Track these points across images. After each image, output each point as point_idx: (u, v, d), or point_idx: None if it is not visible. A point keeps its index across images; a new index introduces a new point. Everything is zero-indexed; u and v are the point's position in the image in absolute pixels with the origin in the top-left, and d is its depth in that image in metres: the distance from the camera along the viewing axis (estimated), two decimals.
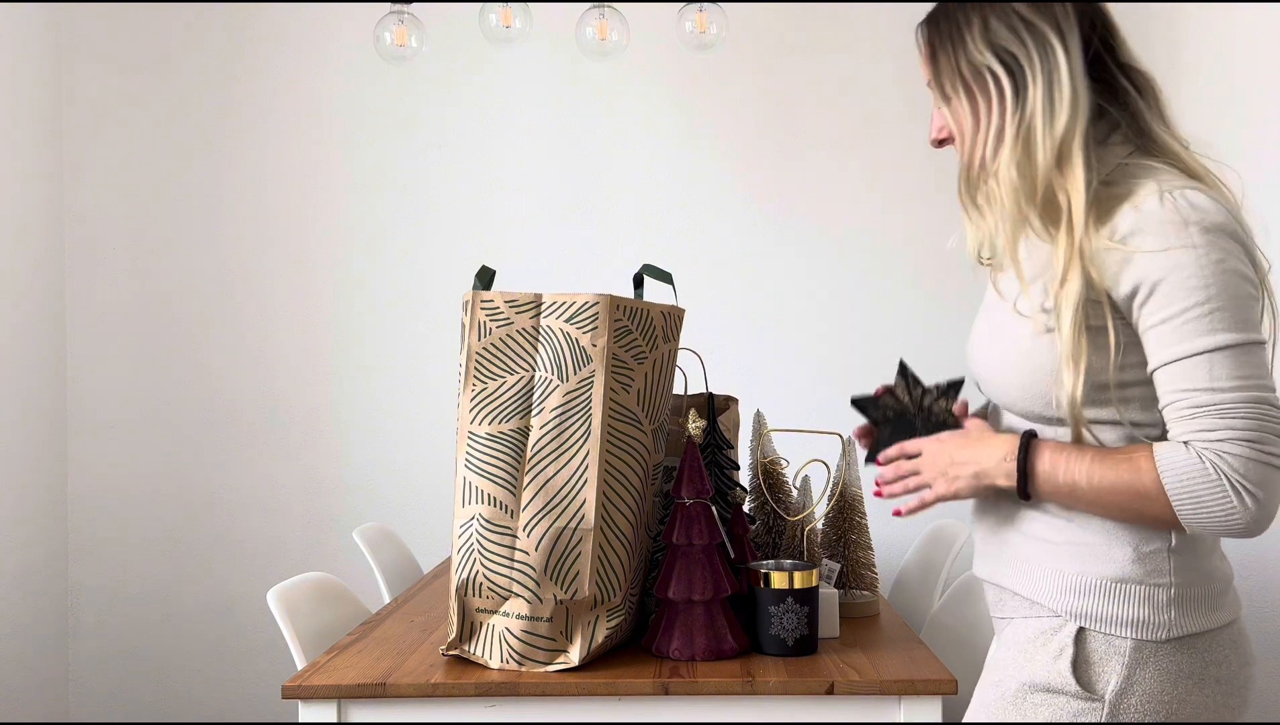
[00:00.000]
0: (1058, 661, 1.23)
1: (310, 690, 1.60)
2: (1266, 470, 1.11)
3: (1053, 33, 1.24)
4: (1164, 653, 1.20)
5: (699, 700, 1.61)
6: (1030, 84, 1.23)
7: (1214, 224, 1.16)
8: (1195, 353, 1.13)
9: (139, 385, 3.37)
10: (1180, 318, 1.14)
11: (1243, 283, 1.15)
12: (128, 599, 3.35)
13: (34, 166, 3.23)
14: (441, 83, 3.36)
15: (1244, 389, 1.12)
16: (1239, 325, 1.13)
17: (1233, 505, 1.12)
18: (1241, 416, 1.12)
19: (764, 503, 2.06)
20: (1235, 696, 1.24)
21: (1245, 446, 1.11)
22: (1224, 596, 1.25)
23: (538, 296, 1.72)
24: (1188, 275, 1.14)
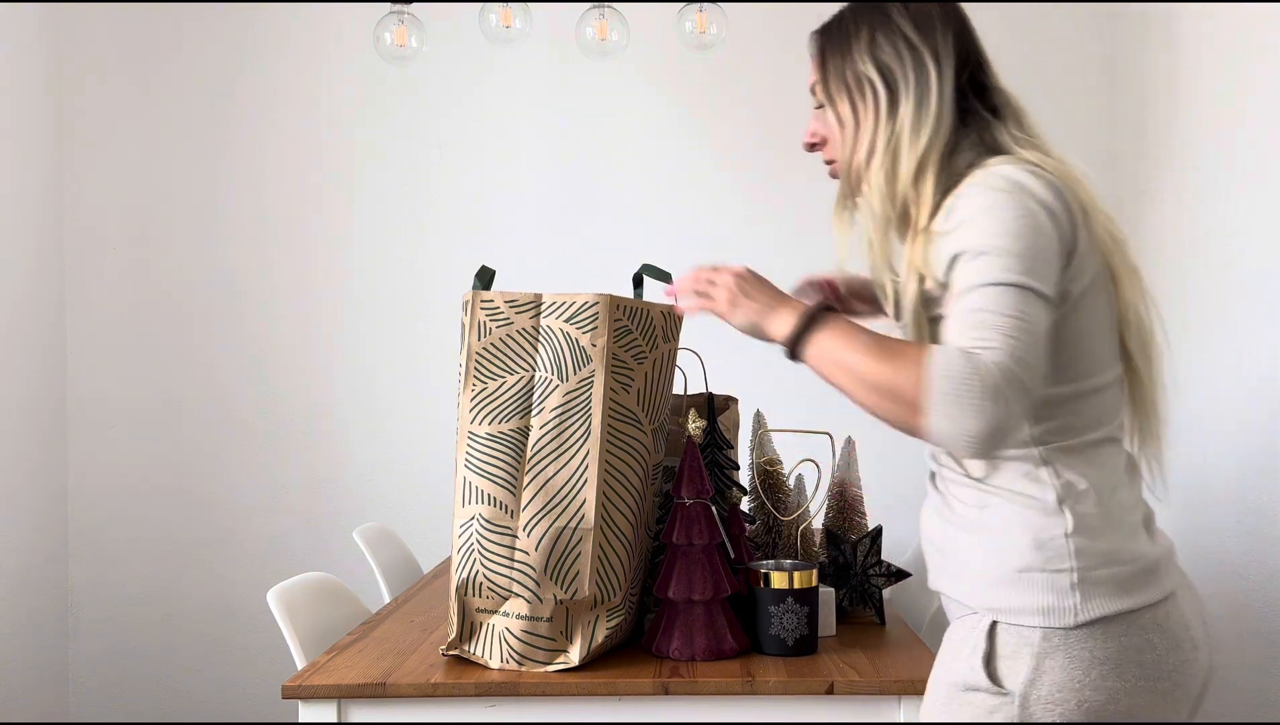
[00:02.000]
0: (973, 657, 1.24)
1: (310, 690, 1.60)
2: (1024, 394, 1.15)
3: (930, 56, 1.34)
4: (1073, 640, 1.20)
5: (699, 700, 1.61)
6: (903, 99, 1.33)
7: (1019, 185, 1.23)
8: (988, 283, 1.18)
9: (139, 385, 3.37)
10: (982, 259, 1.20)
11: (1041, 237, 1.20)
12: (128, 599, 3.35)
13: (34, 166, 3.23)
14: (441, 83, 3.36)
15: (1022, 321, 1.16)
16: (1029, 273, 1.18)
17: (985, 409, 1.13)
18: (1016, 340, 1.16)
19: (762, 503, 2.06)
20: (1165, 681, 1.21)
21: (1015, 363, 1.15)
22: (1142, 578, 1.23)
23: (538, 296, 1.72)
24: (989, 224, 1.20)
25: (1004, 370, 1.14)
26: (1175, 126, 2.87)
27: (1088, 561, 1.22)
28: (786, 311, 1.37)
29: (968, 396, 1.14)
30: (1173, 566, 1.28)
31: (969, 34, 1.39)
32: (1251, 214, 2.47)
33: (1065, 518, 1.23)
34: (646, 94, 3.34)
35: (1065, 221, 1.23)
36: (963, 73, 1.36)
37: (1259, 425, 2.41)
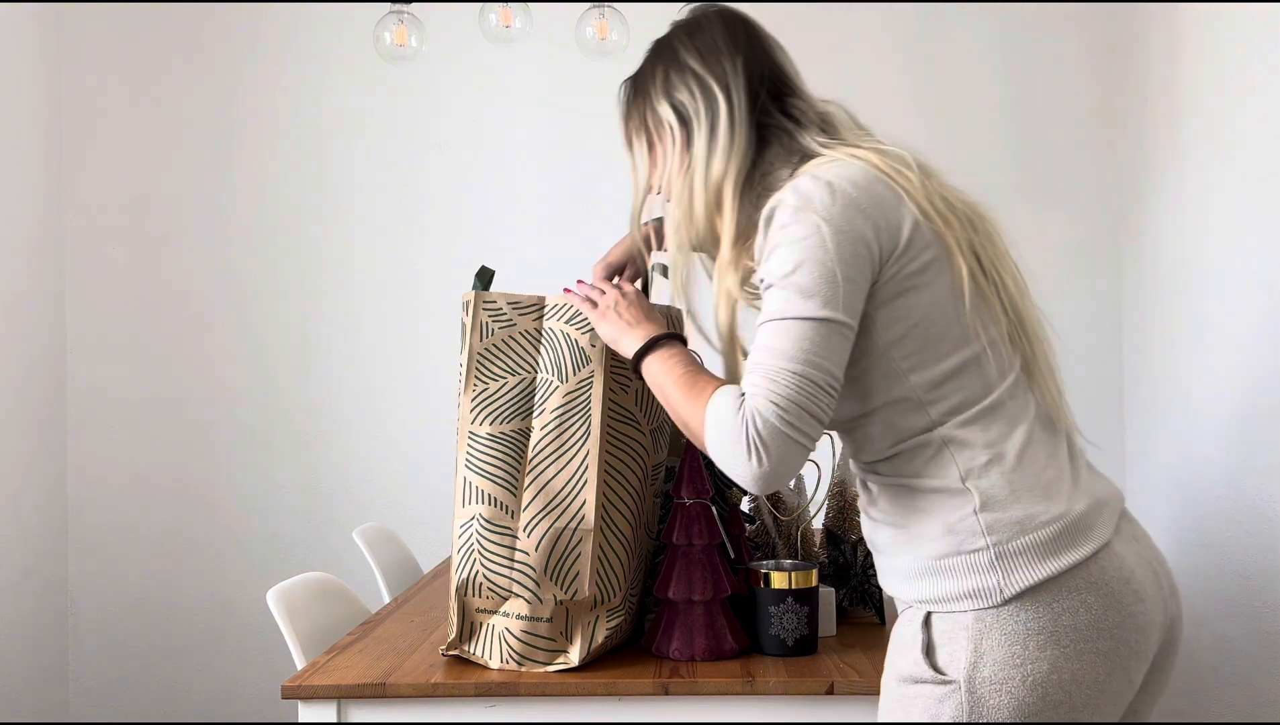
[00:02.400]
0: (913, 650, 1.24)
1: (310, 690, 1.60)
2: (784, 440, 1.18)
3: (718, 86, 1.37)
4: (1005, 616, 1.19)
5: (699, 700, 1.61)
6: (696, 133, 1.37)
7: (808, 200, 1.24)
8: (770, 319, 1.23)
9: (139, 384, 3.37)
10: (774, 289, 1.24)
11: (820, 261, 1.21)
12: (128, 598, 3.35)
13: (34, 166, 3.23)
14: (441, 83, 3.36)
15: (796, 361, 1.19)
16: (806, 303, 1.21)
17: (744, 459, 1.19)
18: (784, 383, 1.19)
19: (763, 503, 2.06)
20: (1106, 640, 1.19)
21: (775, 412, 1.18)
22: (1065, 537, 1.20)
23: (541, 299, 1.73)
24: (781, 253, 1.23)
25: (764, 421, 1.18)
26: (1175, 126, 2.87)
27: (1001, 535, 1.21)
28: (638, 335, 1.45)
29: (730, 447, 1.21)
30: (1104, 517, 1.24)
31: (763, 52, 1.42)
32: (1251, 213, 2.47)
33: (972, 495, 1.23)
34: None
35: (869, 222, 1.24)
36: (759, 92, 1.39)
37: (1258, 424, 2.41)
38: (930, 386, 1.26)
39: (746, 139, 1.36)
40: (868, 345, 1.26)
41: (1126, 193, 3.24)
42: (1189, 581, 2.72)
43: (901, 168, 1.30)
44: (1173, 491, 2.89)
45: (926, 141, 3.63)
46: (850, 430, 1.33)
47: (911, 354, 1.26)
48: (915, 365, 1.26)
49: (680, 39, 1.43)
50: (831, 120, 1.40)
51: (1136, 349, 3.17)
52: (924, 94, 3.28)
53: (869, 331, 1.26)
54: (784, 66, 1.43)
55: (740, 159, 1.36)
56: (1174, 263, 2.89)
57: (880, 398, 1.27)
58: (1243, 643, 2.48)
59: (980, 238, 1.31)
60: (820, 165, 1.30)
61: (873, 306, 1.25)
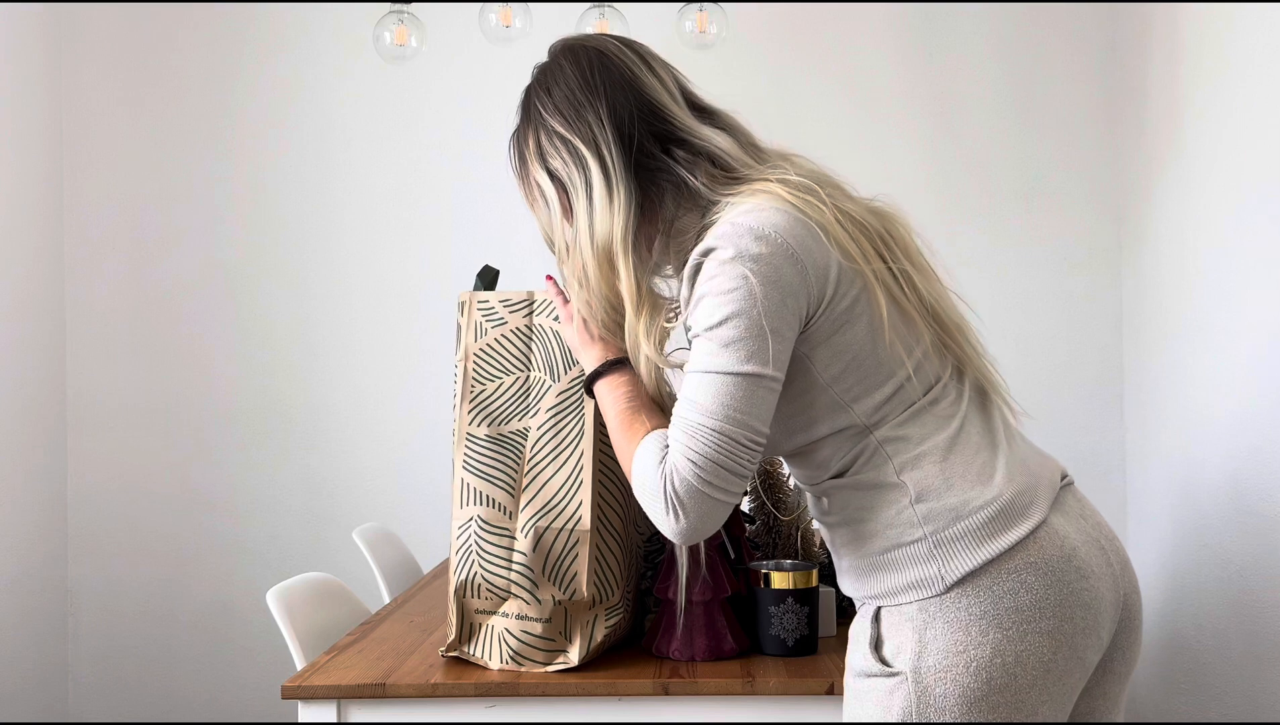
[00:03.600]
0: (864, 645, 1.25)
1: (310, 690, 1.60)
2: (701, 497, 1.19)
3: (585, 145, 1.31)
4: (948, 604, 1.19)
5: (699, 700, 1.61)
6: (575, 197, 1.32)
7: (733, 259, 1.20)
8: (694, 370, 1.22)
9: (139, 384, 3.37)
10: (698, 339, 1.22)
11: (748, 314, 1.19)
12: (128, 599, 3.35)
13: (34, 166, 3.23)
14: (441, 83, 3.36)
15: (715, 417, 1.19)
16: (733, 357, 1.19)
17: (663, 514, 1.21)
18: (703, 442, 1.19)
19: (762, 503, 2.06)
20: (1047, 619, 1.18)
21: (693, 470, 1.19)
22: (1000, 520, 1.20)
23: (530, 294, 1.73)
24: (707, 303, 1.21)
25: (681, 479, 1.19)
26: (1175, 126, 2.87)
27: (937, 523, 1.21)
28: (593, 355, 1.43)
29: (650, 502, 1.22)
30: (1040, 495, 1.24)
31: (626, 87, 1.33)
32: (1251, 213, 2.46)
33: (907, 488, 1.23)
34: None
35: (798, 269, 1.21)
36: (632, 136, 1.31)
37: (1258, 424, 2.41)
38: (871, 411, 1.26)
39: (626, 195, 1.30)
40: (809, 382, 1.26)
41: (1126, 193, 3.24)
42: (1189, 581, 2.72)
43: (811, 200, 1.25)
44: (1173, 491, 2.89)
45: (926, 141, 3.64)
46: (798, 457, 1.33)
47: (853, 386, 1.26)
48: (856, 396, 1.26)
49: (540, 97, 1.37)
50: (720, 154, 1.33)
51: (1136, 349, 3.17)
52: (924, 94, 3.28)
53: (808, 370, 1.25)
54: (654, 97, 1.34)
55: (624, 217, 1.30)
56: (1174, 263, 2.89)
57: (826, 427, 1.27)
58: (1243, 643, 2.48)
59: (892, 252, 1.30)
60: (738, 211, 1.24)
61: (809, 347, 1.24)
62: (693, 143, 1.34)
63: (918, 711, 1.19)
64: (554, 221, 1.38)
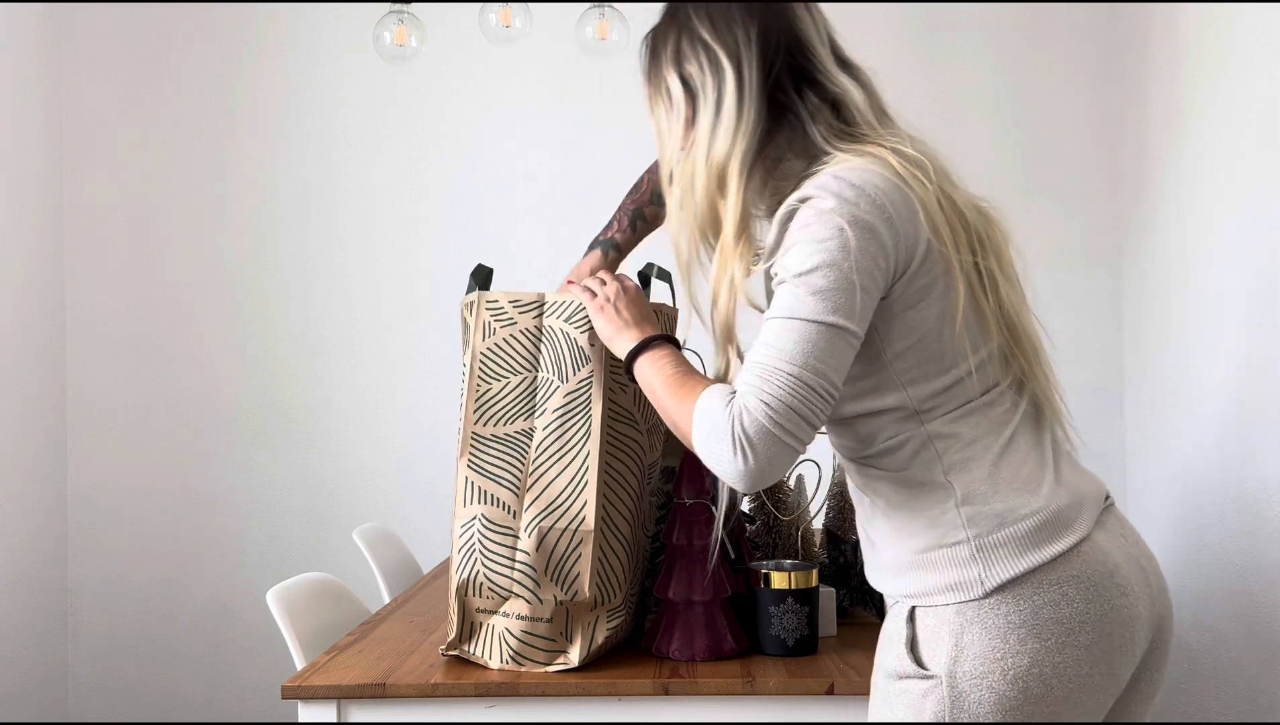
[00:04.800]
0: (898, 645, 1.24)
1: (310, 690, 1.60)
2: (773, 441, 1.17)
3: (727, 58, 1.29)
4: (987, 609, 1.18)
5: (699, 700, 1.61)
6: (702, 107, 1.30)
7: (835, 209, 1.19)
8: (776, 316, 1.20)
9: (139, 385, 3.37)
10: (784, 285, 1.21)
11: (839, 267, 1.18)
12: (127, 599, 3.35)
13: (34, 166, 3.23)
14: (441, 83, 3.36)
15: (794, 363, 1.17)
16: (818, 306, 1.18)
17: (730, 456, 1.18)
18: (778, 384, 1.17)
19: (762, 503, 2.06)
20: (1088, 633, 1.18)
21: (766, 412, 1.17)
22: (1045, 530, 1.20)
23: (541, 296, 1.73)
24: (800, 251, 1.20)
25: (752, 419, 1.17)
26: (1175, 127, 2.87)
27: (982, 527, 1.20)
28: (631, 336, 1.44)
29: (716, 444, 1.20)
30: (1085, 510, 1.23)
31: (784, 18, 1.31)
32: (1251, 213, 2.47)
33: (953, 489, 1.22)
34: None
35: (892, 233, 1.20)
36: (774, 64, 1.29)
37: (1257, 424, 2.41)
38: (925, 398, 1.25)
39: (755, 117, 1.28)
40: (871, 354, 1.25)
41: (1126, 193, 3.24)
42: (1189, 581, 2.72)
43: (918, 174, 1.25)
44: (1173, 491, 2.89)
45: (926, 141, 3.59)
46: (841, 425, 1.32)
47: (912, 367, 1.25)
48: (914, 379, 1.25)
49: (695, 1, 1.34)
50: (846, 105, 1.32)
51: (1136, 349, 3.17)
52: (924, 94, 3.28)
53: (873, 342, 1.25)
54: (806, 36, 1.32)
55: (747, 139, 1.28)
56: (1174, 263, 2.89)
57: (875, 403, 1.27)
58: (1243, 643, 2.48)
59: (984, 251, 1.29)
60: (843, 165, 1.23)
61: (880, 319, 1.24)
62: (826, 87, 1.32)
63: (950, 716, 1.18)
64: (670, 128, 1.35)
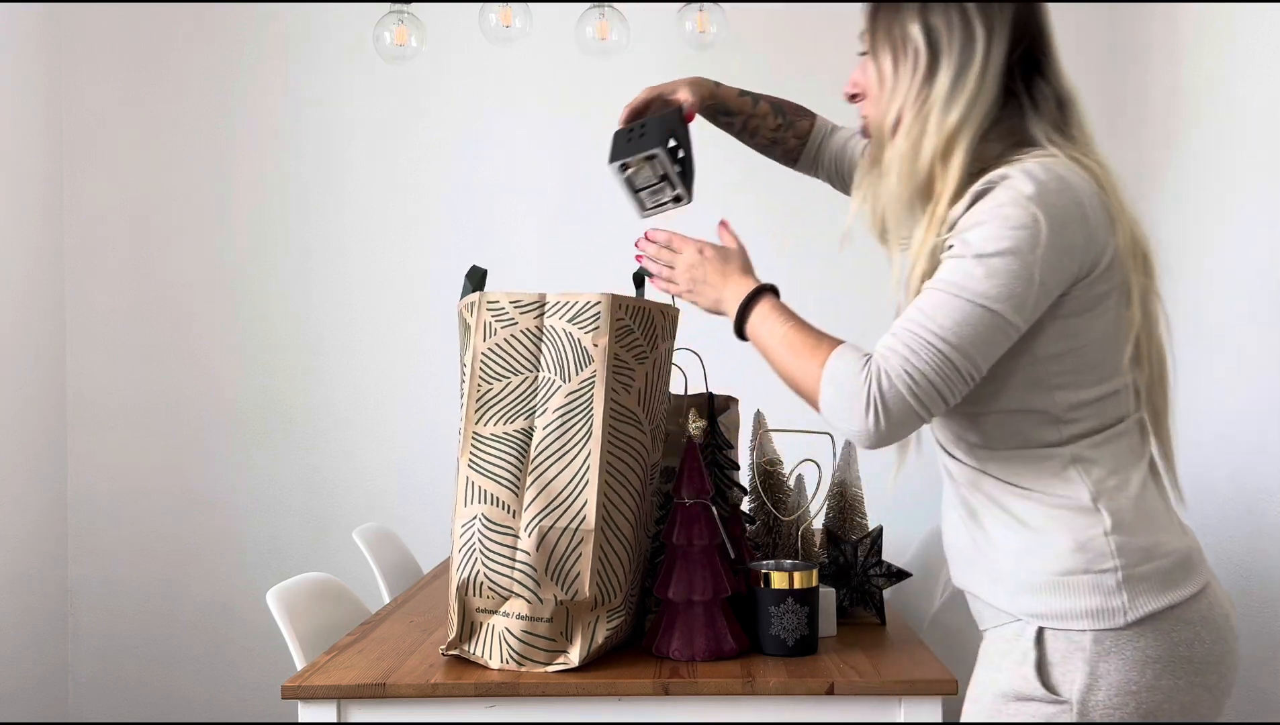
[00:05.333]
0: (1023, 666, 1.22)
1: (310, 690, 1.60)
2: (907, 410, 1.18)
3: (981, 28, 1.26)
4: (1125, 640, 1.18)
5: (699, 700, 1.61)
6: (943, 67, 1.26)
7: (1035, 198, 1.18)
8: (943, 288, 1.19)
9: (139, 385, 3.37)
10: (959, 259, 1.19)
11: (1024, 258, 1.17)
12: (127, 599, 3.35)
13: (34, 166, 3.23)
14: (441, 83, 3.36)
15: (948, 342, 1.17)
16: (990, 290, 1.17)
17: (862, 416, 1.19)
18: (926, 357, 1.17)
19: (762, 503, 2.06)
20: (1212, 673, 1.20)
21: (906, 380, 1.17)
22: (1181, 569, 1.21)
23: (542, 296, 1.73)
24: (988, 231, 1.18)
25: (890, 384, 1.18)
26: (1175, 127, 2.87)
27: (1130, 558, 1.20)
28: (733, 295, 1.40)
29: (848, 404, 1.20)
30: (1202, 557, 1.26)
31: (1034, 12, 1.30)
32: (1251, 214, 2.46)
33: (1102, 516, 1.21)
34: None
35: (1084, 235, 1.19)
36: (1015, 49, 1.27)
37: (1258, 425, 2.41)
38: (1070, 407, 1.24)
39: (993, 95, 1.25)
40: (1025, 349, 1.23)
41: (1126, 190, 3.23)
42: None
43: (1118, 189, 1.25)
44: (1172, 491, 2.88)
45: None
46: (971, 421, 1.29)
47: (1065, 372, 1.23)
48: (1063, 384, 1.23)
49: None
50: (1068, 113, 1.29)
51: None
52: None
53: (1032, 337, 1.23)
54: (1048, 29, 1.31)
55: (983, 112, 1.25)
56: (1173, 263, 2.89)
57: (1016, 402, 1.25)
58: (1243, 643, 2.46)
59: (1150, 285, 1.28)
60: (1048, 158, 1.21)
61: (1047, 317, 1.22)
62: (1054, 83, 1.30)
63: None
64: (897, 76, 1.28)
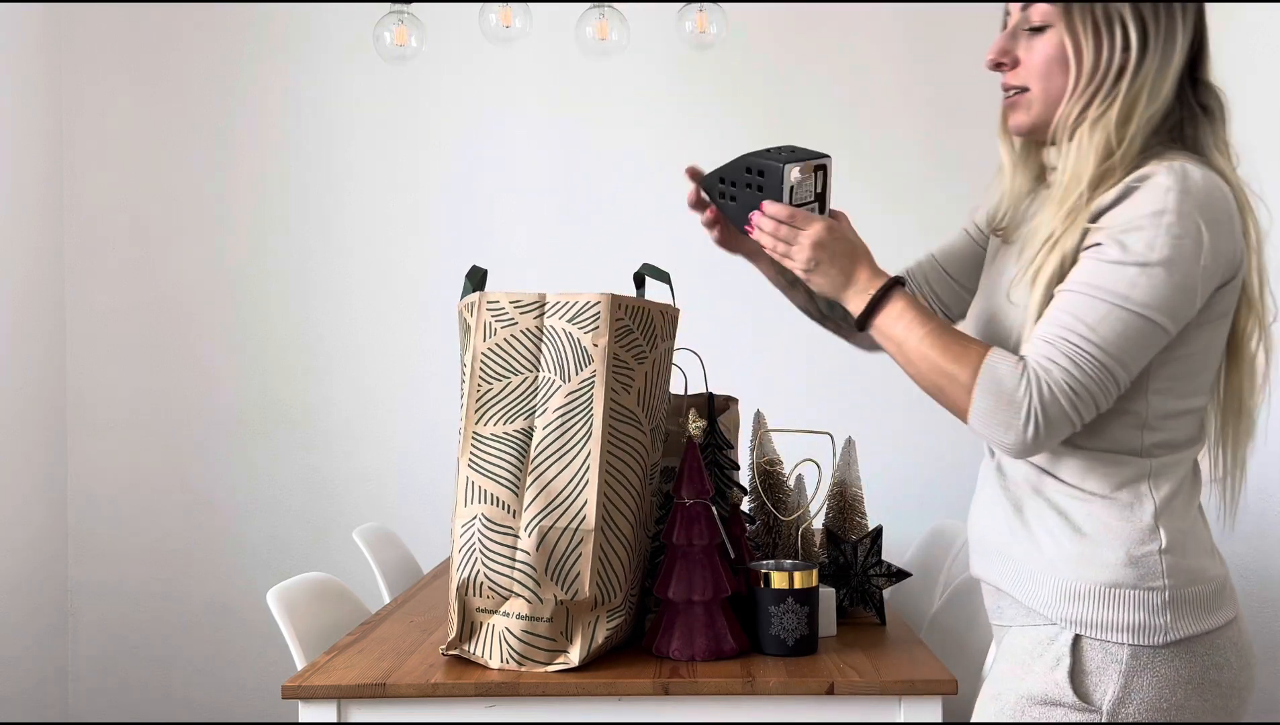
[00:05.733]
0: (1055, 671, 1.21)
1: (310, 690, 1.60)
2: (1063, 421, 1.16)
3: (1182, 22, 1.24)
4: (1161, 658, 1.19)
5: (699, 700, 1.61)
6: (1151, 55, 1.22)
7: (1196, 204, 1.16)
8: (1103, 296, 1.16)
9: (139, 385, 3.37)
10: (1115, 265, 1.16)
11: (1189, 270, 1.15)
12: (128, 599, 3.35)
13: (34, 166, 3.23)
14: (441, 83, 3.36)
15: (1109, 353, 1.15)
16: (1156, 302, 1.15)
17: (1019, 427, 1.16)
18: (1087, 371, 1.15)
19: (762, 503, 2.06)
20: (1235, 699, 1.22)
21: (1067, 394, 1.15)
22: (1220, 596, 1.23)
23: (542, 296, 1.73)
24: (1144, 236, 1.15)
25: (1053, 399, 1.15)
26: None
27: (1178, 579, 1.20)
28: (859, 287, 1.32)
29: (1004, 414, 1.17)
30: (1234, 588, 1.28)
31: (1202, 21, 1.28)
32: None
33: (1160, 535, 1.21)
34: (646, 94, 3.34)
35: (1234, 246, 1.19)
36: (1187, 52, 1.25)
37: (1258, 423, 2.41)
38: (1161, 415, 1.23)
39: (1173, 84, 1.23)
40: None
41: None
42: None
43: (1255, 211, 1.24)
44: None
45: (927, 141, 3.63)
46: None
47: (1166, 378, 1.22)
48: (1161, 389, 1.22)
49: None
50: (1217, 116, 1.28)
51: None
52: (924, 94, 3.28)
53: None
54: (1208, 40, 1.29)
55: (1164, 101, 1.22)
56: None
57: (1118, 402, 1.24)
58: None
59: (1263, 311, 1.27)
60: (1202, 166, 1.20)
61: None
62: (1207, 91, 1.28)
63: None
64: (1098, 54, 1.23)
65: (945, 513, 2.77)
